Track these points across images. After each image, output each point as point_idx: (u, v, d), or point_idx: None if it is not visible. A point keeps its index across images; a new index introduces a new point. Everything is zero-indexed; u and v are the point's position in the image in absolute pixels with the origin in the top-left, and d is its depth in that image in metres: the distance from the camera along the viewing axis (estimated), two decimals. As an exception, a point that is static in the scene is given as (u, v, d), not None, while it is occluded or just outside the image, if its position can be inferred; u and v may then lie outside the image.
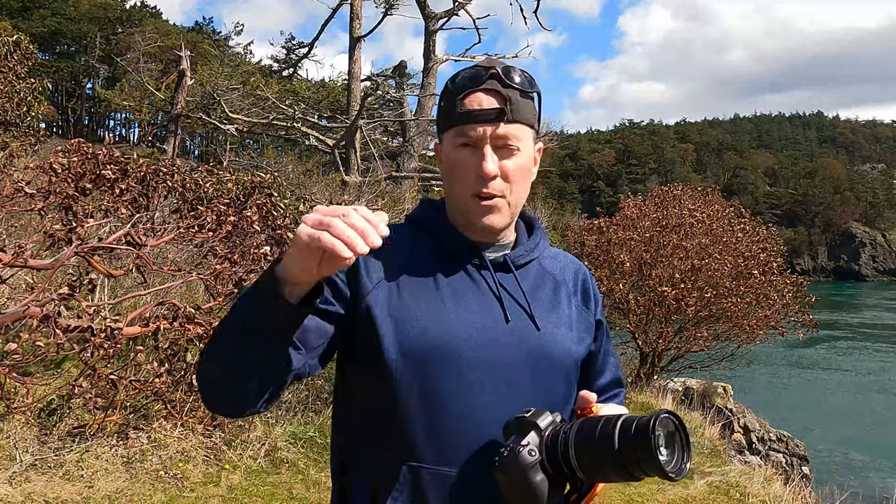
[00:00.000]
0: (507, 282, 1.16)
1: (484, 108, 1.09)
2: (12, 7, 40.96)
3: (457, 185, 1.13)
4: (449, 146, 1.14)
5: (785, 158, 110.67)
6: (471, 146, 1.10)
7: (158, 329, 3.79)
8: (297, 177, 15.52)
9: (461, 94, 1.11)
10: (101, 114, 49.44)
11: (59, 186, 4.21)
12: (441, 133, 1.16)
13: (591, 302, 1.26)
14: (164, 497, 3.66)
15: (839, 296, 54.14)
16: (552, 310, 1.18)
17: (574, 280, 1.26)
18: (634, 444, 0.93)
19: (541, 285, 1.20)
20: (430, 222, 1.20)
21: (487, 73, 1.11)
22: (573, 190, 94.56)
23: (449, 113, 1.13)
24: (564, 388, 1.17)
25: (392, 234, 1.18)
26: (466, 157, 1.11)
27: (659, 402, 8.57)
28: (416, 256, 1.15)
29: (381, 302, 1.09)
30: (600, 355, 1.28)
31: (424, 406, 1.06)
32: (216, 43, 40.81)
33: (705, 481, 5.65)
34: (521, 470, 0.96)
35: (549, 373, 1.13)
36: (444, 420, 1.06)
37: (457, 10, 17.22)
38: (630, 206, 11.08)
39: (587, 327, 1.23)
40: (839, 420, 14.90)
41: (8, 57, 8.79)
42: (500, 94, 1.10)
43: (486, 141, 1.09)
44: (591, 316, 1.25)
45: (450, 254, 1.16)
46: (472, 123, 1.09)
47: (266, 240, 4.85)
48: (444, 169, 1.16)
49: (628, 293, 10.05)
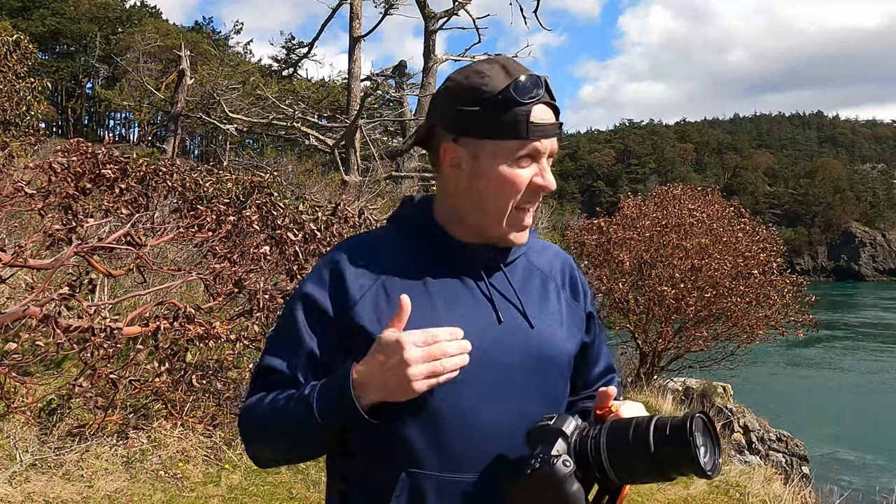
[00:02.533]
0: (497, 280, 1.13)
1: (549, 122, 1.07)
2: (12, 7, 40.95)
3: (506, 197, 1.08)
4: (502, 156, 1.06)
5: (785, 158, 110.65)
6: (531, 158, 1.07)
7: (158, 329, 3.79)
8: (296, 177, 15.53)
9: (526, 104, 1.05)
10: (101, 113, 49.43)
11: (59, 186, 4.22)
12: (480, 137, 1.07)
13: (580, 294, 1.24)
14: (164, 497, 3.66)
15: (839, 296, 54.13)
16: (542, 306, 1.16)
17: (562, 274, 1.23)
18: (671, 444, 0.94)
19: (529, 281, 1.18)
20: (417, 221, 1.16)
21: (541, 82, 1.07)
22: (573, 190, 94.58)
23: (510, 122, 1.05)
24: (561, 384, 1.16)
25: (377, 238, 1.19)
26: (525, 171, 1.07)
27: (659, 401, 8.58)
28: (404, 259, 1.12)
29: (368, 313, 1.07)
30: (595, 346, 1.26)
31: (423, 413, 1.03)
32: (216, 42, 40.84)
33: (705, 481, 5.65)
34: (557, 481, 0.96)
35: (546, 371, 1.12)
36: (443, 426, 1.04)
37: (457, 9, 17.23)
38: (630, 205, 11.08)
39: (578, 321, 1.21)
40: (839, 420, 14.90)
41: (8, 56, 8.79)
42: (554, 106, 1.09)
43: (545, 154, 1.08)
44: (581, 309, 1.23)
45: (439, 255, 1.13)
46: (542, 137, 1.06)
47: (266, 239, 4.85)
48: (475, 178, 1.08)
49: (628, 293, 10.06)
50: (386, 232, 1.19)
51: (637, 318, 10.11)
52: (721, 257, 9.64)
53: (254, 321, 4.18)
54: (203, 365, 4.18)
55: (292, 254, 4.69)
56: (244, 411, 1.11)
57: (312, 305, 1.10)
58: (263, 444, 1.12)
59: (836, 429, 13.86)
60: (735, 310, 9.75)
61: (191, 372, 4.04)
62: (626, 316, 10.20)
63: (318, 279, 1.12)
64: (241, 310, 4.45)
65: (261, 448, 1.12)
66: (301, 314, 1.10)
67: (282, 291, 4.24)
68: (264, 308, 4.13)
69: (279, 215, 4.96)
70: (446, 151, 1.10)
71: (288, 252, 4.70)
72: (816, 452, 11.17)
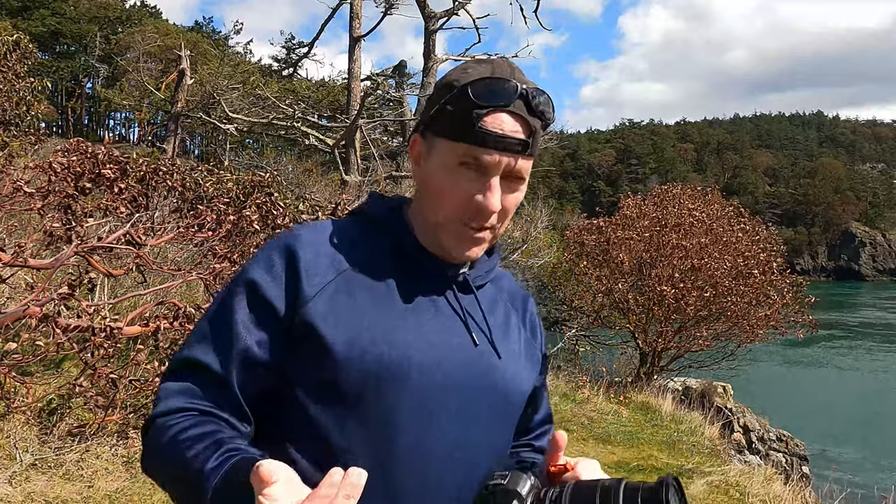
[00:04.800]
0: (467, 303, 1.02)
1: (506, 136, 0.92)
2: (12, 7, 40.96)
3: (444, 206, 0.96)
4: (445, 157, 0.95)
5: (785, 158, 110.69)
6: (476, 170, 0.93)
7: (159, 329, 3.79)
8: (296, 176, 15.54)
9: (484, 109, 0.92)
10: (101, 113, 49.44)
11: (59, 185, 4.22)
12: (435, 136, 0.97)
13: (538, 334, 1.15)
14: (165, 497, 3.66)
15: (839, 296, 54.16)
16: (505, 338, 1.06)
17: (523, 308, 1.14)
18: None
19: (495, 309, 1.07)
20: (388, 224, 1.03)
21: (516, 90, 0.93)
22: (573, 190, 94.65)
23: (460, 123, 0.93)
24: (514, 422, 1.07)
25: (340, 230, 1.02)
26: (465, 181, 0.94)
27: (659, 401, 8.57)
28: (369, 256, 1.00)
29: (322, 310, 0.92)
30: (542, 390, 1.17)
31: (372, 434, 0.91)
32: (216, 42, 40.87)
33: (705, 481, 5.65)
34: None
35: (504, 405, 1.02)
36: (392, 452, 0.91)
37: (457, 9, 17.23)
38: (630, 205, 11.09)
39: (534, 361, 1.12)
40: (839, 419, 14.91)
41: (8, 56, 8.79)
42: (527, 121, 0.93)
43: (498, 171, 0.93)
44: (538, 349, 1.13)
45: (409, 264, 1.00)
46: (490, 148, 0.92)
47: (265, 239, 4.85)
48: (426, 177, 0.98)
49: (628, 293, 10.06)
50: (350, 224, 1.04)
51: (637, 317, 10.12)
52: (721, 257, 9.65)
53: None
54: (203, 365, 4.17)
55: (292, 254, 4.68)
56: (154, 427, 0.91)
57: (257, 295, 0.94)
58: (156, 467, 0.92)
59: (836, 428, 13.86)
60: (735, 309, 9.77)
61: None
62: (626, 316, 10.22)
63: (267, 266, 0.96)
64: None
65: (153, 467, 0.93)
66: (242, 304, 0.94)
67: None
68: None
69: (279, 215, 4.96)
70: (413, 144, 1.02)
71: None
72: (816, 452, 11.18)
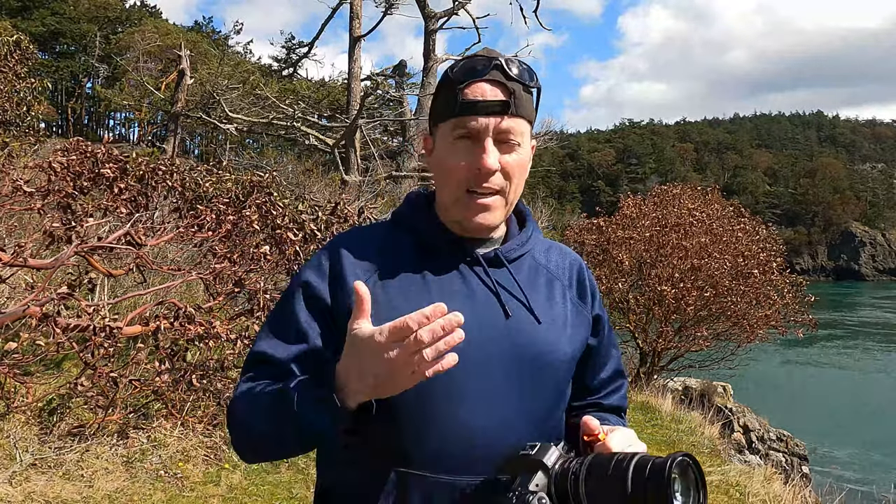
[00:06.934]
0: (501, 277, 1.10)
1: (488, 100, 1.03)
2: (12, 7, 40.91)
3: (451, 178, 1.06)
4: (445, 138, 1.07)
5: (785, 158, 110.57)
6: (470, 139, 1.04)
7: (158, 328, 3.79)
8: (296, 176, 15.53)
9: (462, 83, 1.03)
10: (101, 113, 49.37)
11: (59, 185, 4.22)
12: (436, 125, 1.09)
13: (588, 296, 1.20)
14: (164, 496, 3.66)
15: (839, 296, 54.14)
16: (549, 305, 1.12)
17: (569, 274, 1.19)
18: (648, 486, 0.89)
19: (535, 279, 1.14)
20: (412, 219, 1.14)
21: (491, 63, 1.04)
22: (573, 189, 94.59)
23: (447, 103, 1.05)
24: (561, 387, 1.13)
25: (376, 231, 1.16)
26: (463, 153, 1.04)
27: (659, 401, 8.57)
28: (398, 256, 1.09)
29: None
30: (602, 349, 1.22)
31: (414, 410, 1.00)
32: (216, 42, 40.86)
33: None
34: None
35: (545, 373, 1.08)
36: (433, 424, 1.00)
37: (457, 9, 17.23)
38: (630, 205, 11.09)
39: (584, 323, 1.17)
40: (839, 419, 14.90)
41: (8, 57, 8.79)
42: (505, 86, 1.04)
43: (488, 133, 1.03)
44: (588, 311, 1.19)
45: (433, 251, 1.10)
46: (474, 114, 1.03)
47: (265, 239, 4.85)
48: (435, 162, 1.10)
49: (628, 292, 10.06)
50: (385, 227, 1.17)
51: (637, 317, 10.11)
52: (721, 257, 9.64)
53: (254, 321, 4.18)
54: (203, 365, 4.17)
55: (292, 253, 4.70)
56: (233, 403, 1.06)
57: (311, 294, 1.08)
58: (246, 439, 1.05)
59: (836, 428, 13.86)
60: (735, 309, 9.76)
61: (191, 372, 4.04)
62: (625, 316, 10.21)
63: (317, 267, 1.10)
64: (241, 310, 4.45)
65: (244, 442, 1.06)
66: (300, 302, 1.08)
67: (282, 291, 4.23)
68: (264, 308, 4.13)
69: (279, 215, 4.96)
70: (424, 144, 1.14)
71: (288, 252, 4.70)
72: (816, 452, 11.17)
